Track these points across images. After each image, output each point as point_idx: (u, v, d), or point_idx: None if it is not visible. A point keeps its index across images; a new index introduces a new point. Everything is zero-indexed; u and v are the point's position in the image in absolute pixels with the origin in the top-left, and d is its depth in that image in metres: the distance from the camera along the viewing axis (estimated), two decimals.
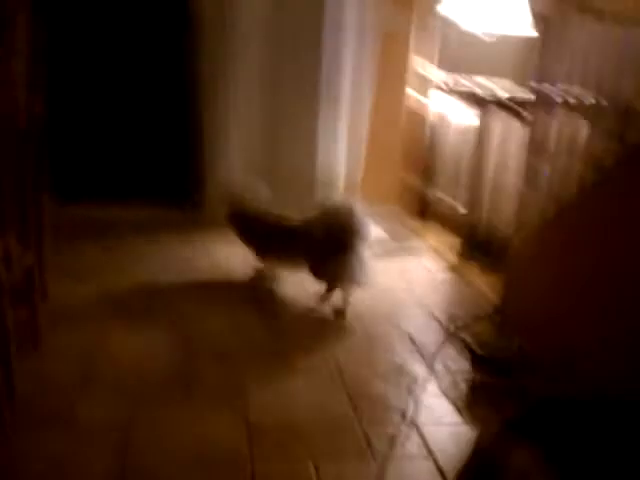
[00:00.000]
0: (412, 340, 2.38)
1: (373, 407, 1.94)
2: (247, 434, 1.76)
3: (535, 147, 2.44)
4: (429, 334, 2.44)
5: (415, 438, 1.79)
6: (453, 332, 2.43)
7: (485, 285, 2.95)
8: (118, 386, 1.96)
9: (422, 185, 3.77)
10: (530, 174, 2.48)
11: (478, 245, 3.33)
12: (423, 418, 1.89)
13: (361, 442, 1.77)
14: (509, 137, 3.21)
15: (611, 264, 1.88)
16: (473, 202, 3.29)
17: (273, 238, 2.68)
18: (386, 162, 3.73)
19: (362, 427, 1.83)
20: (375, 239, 3.48)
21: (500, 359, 2.07)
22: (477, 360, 2.11)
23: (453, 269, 3.19)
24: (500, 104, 3.15)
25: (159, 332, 2.32)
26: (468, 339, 2.31)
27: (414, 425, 1.85)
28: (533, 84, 2.43)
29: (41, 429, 1.73)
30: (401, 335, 2.42)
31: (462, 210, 3.37)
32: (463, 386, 2.06)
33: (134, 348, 2.20)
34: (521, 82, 3.08)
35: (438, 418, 1.90)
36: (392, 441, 1.75)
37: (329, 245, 2.47)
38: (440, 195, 3.72)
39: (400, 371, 2.15)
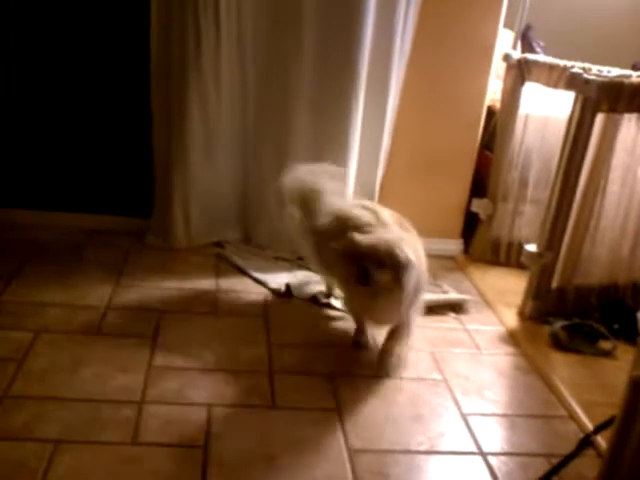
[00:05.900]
0: None
1: None
2: None
3: None
4: None
5: None
6: None
7: (570, 390, 1.78)
8: None
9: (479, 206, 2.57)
10: None
11: (555, 304, 2.16)
12: None
13: None
14: (628, 143, 2.01)
15: None
16: (552, 237, 2.10)
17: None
18: (453, 181, 2.57)
19: None
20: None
21: None
22: None
23: (515, 342, 2.03)
24: (613, 88, 1.93)
25: None
26: None
27: None
28: None
29: None
30: None
31: (533, 248, 2.17)
32: None
33: None
34: None
35: None
36: None
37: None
38: (504, 223, 2.54)
39: None
